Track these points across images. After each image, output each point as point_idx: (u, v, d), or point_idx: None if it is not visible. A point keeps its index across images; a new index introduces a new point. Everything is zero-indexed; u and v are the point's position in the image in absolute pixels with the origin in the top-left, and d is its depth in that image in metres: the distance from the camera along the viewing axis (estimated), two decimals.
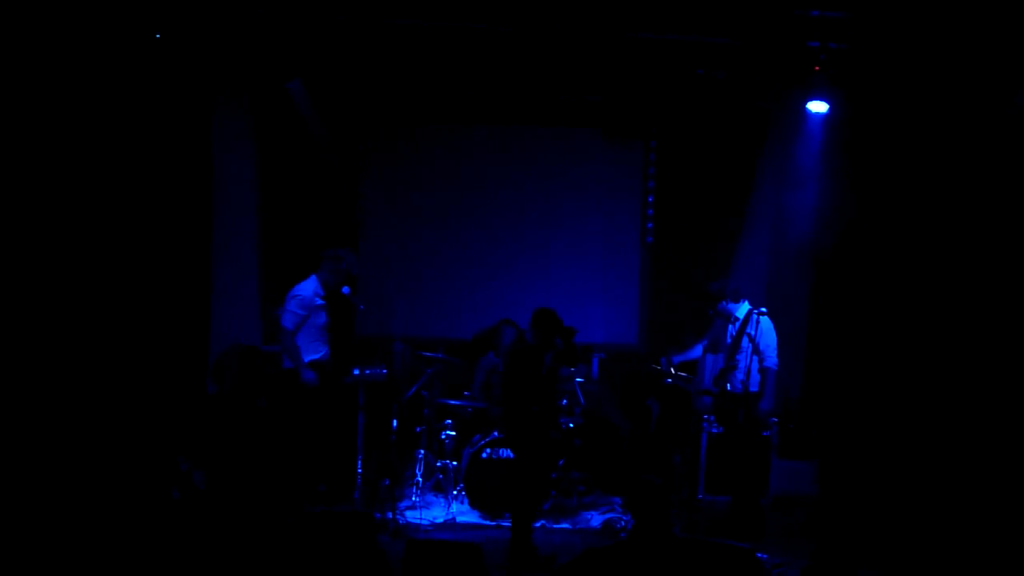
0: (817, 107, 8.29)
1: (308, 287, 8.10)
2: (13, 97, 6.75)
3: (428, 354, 8.72)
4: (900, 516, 7.34)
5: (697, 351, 8.51)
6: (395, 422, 8.20)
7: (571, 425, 8.52)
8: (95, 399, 7.12)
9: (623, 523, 8.02)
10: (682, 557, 4.80)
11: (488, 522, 8.08)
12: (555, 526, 8.07)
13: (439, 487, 8.54)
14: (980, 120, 7.47)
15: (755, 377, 7.80)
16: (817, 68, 7.96)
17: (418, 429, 8.68)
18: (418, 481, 8.43)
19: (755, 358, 7.79)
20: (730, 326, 8.08)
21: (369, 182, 10.31)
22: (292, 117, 9.08)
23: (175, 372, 8.18)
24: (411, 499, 8.36)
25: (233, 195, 9.18)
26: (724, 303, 8.04)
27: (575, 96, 9.78)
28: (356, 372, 8.14)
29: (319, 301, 8.12)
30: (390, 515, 7.72)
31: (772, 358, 7.83)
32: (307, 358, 8.02)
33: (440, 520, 8.09)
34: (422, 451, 8.53)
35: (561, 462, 8.35)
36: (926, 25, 7.35)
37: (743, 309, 8.02)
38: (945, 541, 6.90)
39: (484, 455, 8.21)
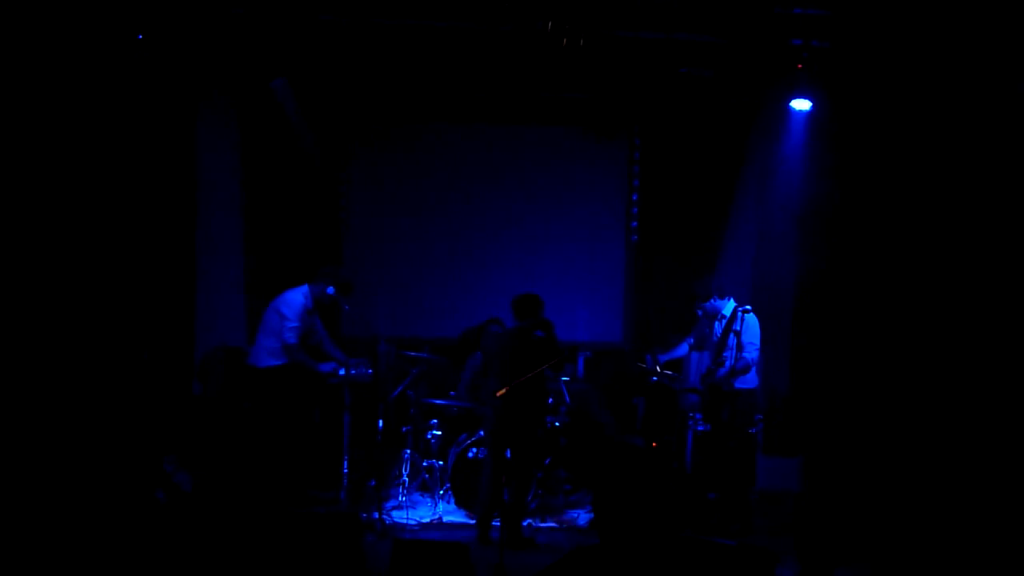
0: (800, 105, 8.32)
1: (299, 300, 8.14)
2: None
3: (413, 354, 8.71)
4: (885, 512, 7.37)
5: (683, 349, 8.53)
6: (381, 422, 8.18)
7: (557, 424, 8.52)
8: (80, 400, 7.08)
9: None
10: (669, 554, 4.81)
11: (474, 521, 8.07)
12: (541, 524, 8.08)
13: (425, 487, 8.54)
14: (963, 116, 7.51)
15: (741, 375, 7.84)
16: (800, 66, 7.99)
17: (404, 429, 8.66)
18: (404, 481, 8.41)
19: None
20: (716, 324, 8.10)
21: (353, 181, 10.29)
22: (276, 116, 9.04)
23: (160, 373, 8.15)
24: (397, 499, 8.35)
25: (217, 194, 9.14)
26: (711, 301, 8.07)
27: (559, 94, 9.78)
28: (341, 372, 8.15)
29: (306, 316, 8.21)
30: (376, 515, 7.71)
31: (753, 354, 7.86)
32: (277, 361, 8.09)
33: (427, 520, 8.09)
34: (408, 451, 8.52)
35: (548, 460, 8.35)
36: (908, 23, 7.38)
37: (729, 306, 8.05)
38: (931, 536, 6.94)
39: (470, 455, 8.21)
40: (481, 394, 8.13)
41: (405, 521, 7.96)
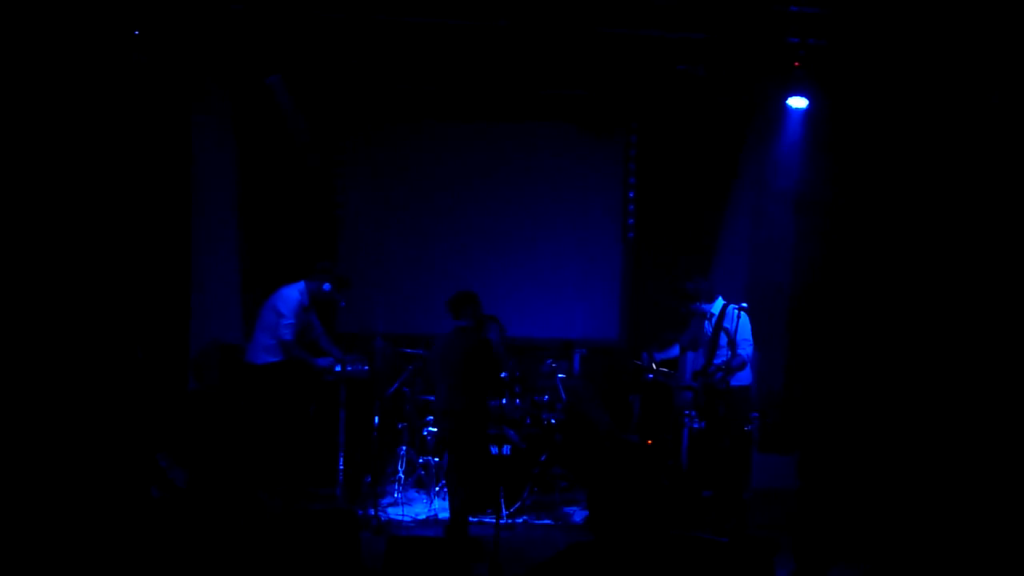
0: (797, 102, 8.32)
1: (295, 297, 8.16)
2: None
3: (409, 350, 8.72)
4: (882, 509, 7.38)
5: (676, 349, 8.52)
6: (377, 419, 8.19)
7: (552, 421, 8.52)
8: (74, 396, 7.06)
9: None
10: (664, 552, 4.80)
11: (469, 518, 8.06)
12: (537, 522, 8.08)
13: (421, 483, 8.53)
14: (959, 112, 7.52)
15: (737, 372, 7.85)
16: (796, 64, 7.99)
17: (400, 426, 8.66)
18: (400, 477, 8.41)
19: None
20: (706, 323, 8.11)
21: (349, 178, 10.27)
22: (272, 113, 9.04)
23: (155, 369, 8.14)
24: (393, 495, 8.35)
25: (212, 190, 9.13)
26: (698, 303, 8.07)
27: (555, 91, 9.77)
28: (338, 369, 8.15)
29: (302, 313, 8.23)
30: (372, 511, 7.71)
31: (748, 350, 7.86)
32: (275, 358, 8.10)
33: (422, 516, 8.09)
34: (404, 447, 8.51)
35: (543, 457, 8.35)
36: (904, 21, 7.39)
37: (717, 305, 8.05)
38: (927, 534, 6.95)
39: None
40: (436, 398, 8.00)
41: (400, 517, 7.97)
